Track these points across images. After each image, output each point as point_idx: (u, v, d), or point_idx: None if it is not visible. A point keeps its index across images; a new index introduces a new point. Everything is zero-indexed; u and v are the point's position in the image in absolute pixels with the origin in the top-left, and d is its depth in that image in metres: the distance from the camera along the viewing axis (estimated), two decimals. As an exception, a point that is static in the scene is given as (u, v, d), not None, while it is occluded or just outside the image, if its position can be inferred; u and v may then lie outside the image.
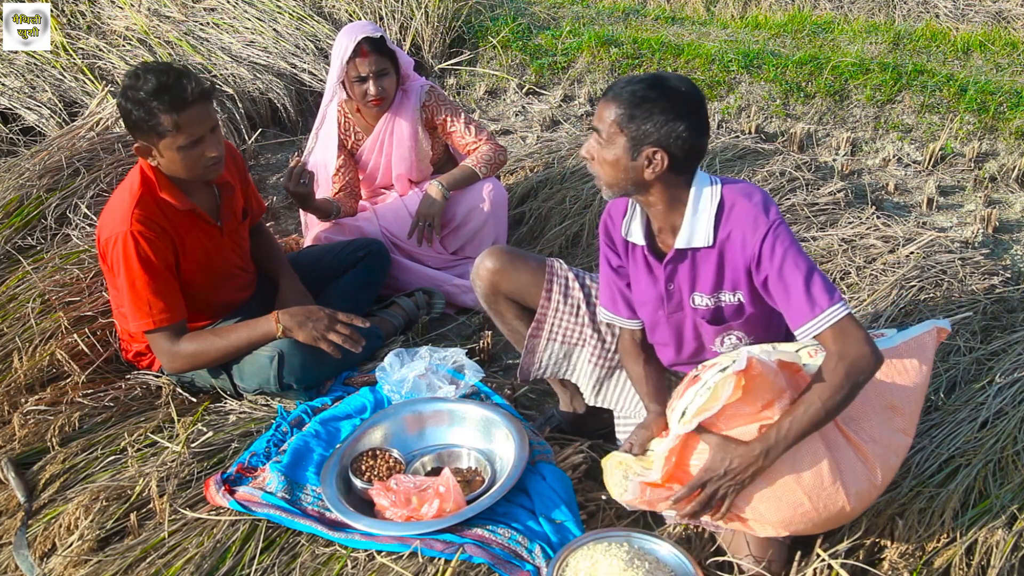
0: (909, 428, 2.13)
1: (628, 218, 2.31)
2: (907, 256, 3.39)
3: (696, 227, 2.17)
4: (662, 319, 2.34)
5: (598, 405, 2.65)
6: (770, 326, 2.32)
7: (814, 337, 2.04)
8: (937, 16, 5.87)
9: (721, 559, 2.22)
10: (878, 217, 3.70)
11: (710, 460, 2.03)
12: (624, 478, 2.13)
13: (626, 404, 2.62)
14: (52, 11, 5.10)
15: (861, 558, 2.20)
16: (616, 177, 2.14)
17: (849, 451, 2.05)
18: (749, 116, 4.68)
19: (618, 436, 2.64)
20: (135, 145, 2.60)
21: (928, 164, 4.28)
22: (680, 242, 2.19)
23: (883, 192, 4.11)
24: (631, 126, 2.07)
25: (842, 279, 3.31)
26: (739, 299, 2.23)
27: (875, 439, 2.07)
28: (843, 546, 2.17)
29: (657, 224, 2.26)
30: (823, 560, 2.13)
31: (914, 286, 3.18)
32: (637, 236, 2.28)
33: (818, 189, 3.94)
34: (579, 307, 2.59)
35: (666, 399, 2.28)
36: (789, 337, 2.32)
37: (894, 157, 4.38)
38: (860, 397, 2.03)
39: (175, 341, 2.69)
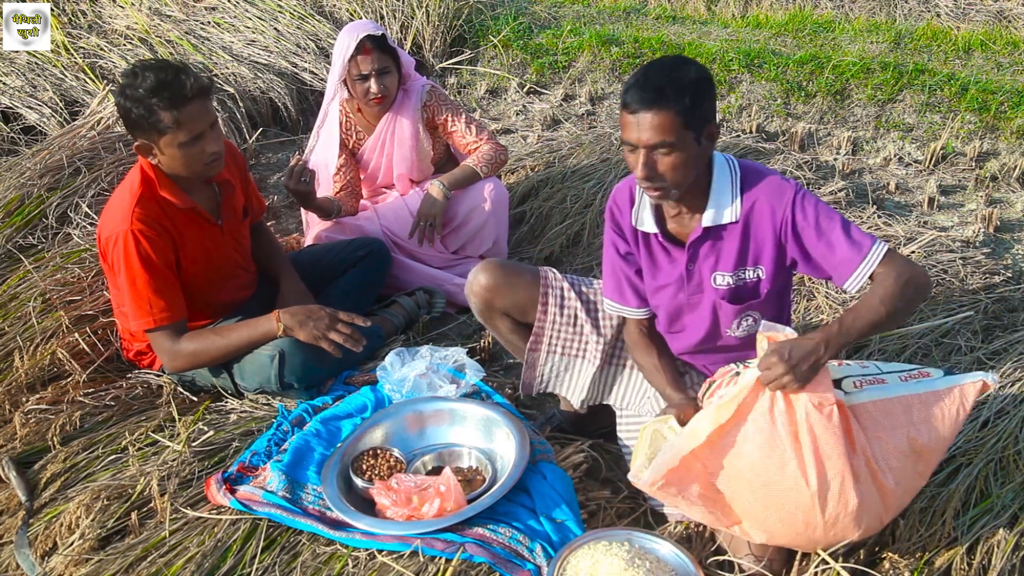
0: (926, 472, 2.09)
1: (637, 207, 2.31)
2: (908, 255, 3.39)
3: (722, 203, 2.18)
4: (681, 302, 2.34)
5: (603, 403, 2.66)
6: (782, 308, 2.36)
7: (868, 278, 2.08)
8: (938, 15, 5.87)
9: (722, 559, 2.22)
10: (879, 216, 3.70)
11: (768, 353, 1.94)
12: (649, 460, 2.07)
13: (632, 401, 2.63)
14: (53, 10, 5.10)
15: (862, 558, 2.20)
16: (689, 174, 2.13)
17: (872, 488, 2.00)
18: (750, 115, 4.68)
19: (620, 434, 2.65)
20: (135, 144, 2.60)
21: (929, 163, 4.28)
22: (707, 220, 2.19)
23: (884, 191, 4.10)
24: (693, 117, 2.05)
25: (843, 278, 3.31)
26: (759, 275, 2.24)
27: (899, 482, 2.02)
28: (843, 546, 2.17)
29: (674, 209, 2.25)
30: (823, 561, 2.13)
31: (915, 285, 3.18)
32: (649, 224, 2.28)
33: (819, 188, 3.94)
34: (576, 316, 2.59)
35: (684, 387, 2.33)
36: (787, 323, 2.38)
37: (895, 156, 4.38)
38: (892, 435, 1.99)
39: (176, 340, 2.69)
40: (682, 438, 2.00)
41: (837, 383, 2.03)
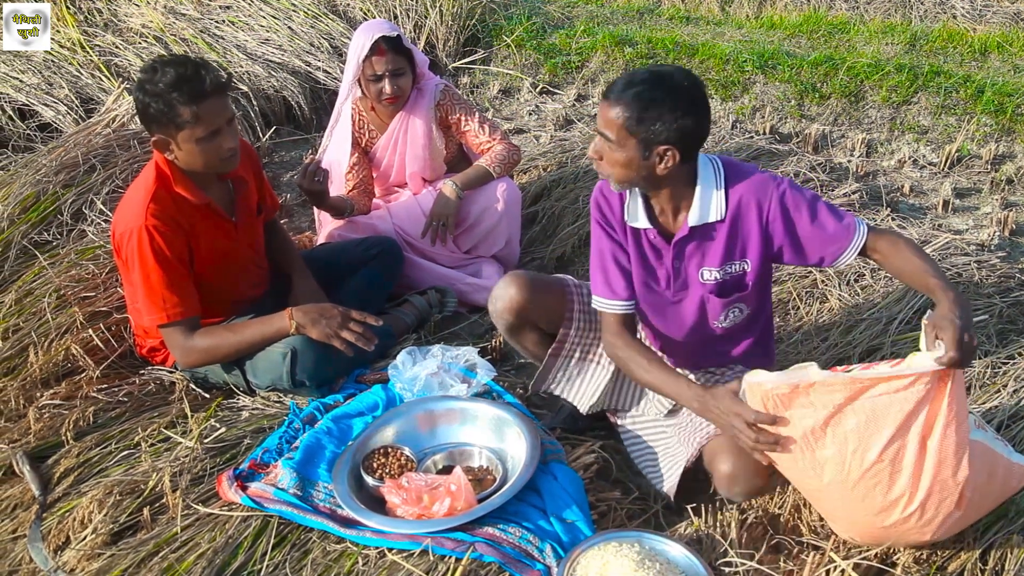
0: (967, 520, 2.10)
1: (628, 203, 2.33)
2: (922, 258, 3.37)
3: (708, 203, 2.24)
4: (667, 298, 2.39)
5: (596, 411, 2.67)
6: (764, 298, 2.47)
7: (860, 252, 2.22)
8: (954, 17, 5.84)
9: (733, 560, 2.21)
10: (893, 219, 3.68)
11: (944, 312, 1.96)
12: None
13: (630, 404, 2.66)
14: (69, 8, 5.13)
15: (875, 562, 2.19)
16: (628, 175, 2.19)
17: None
18: (763, 117, 4.66)
19: (621, 434, 2.66)
20: (152, 139, 2.61)
21: (944, 166, 4.26)
22: (692, 219, 2.25)
23: (898, 194, 4.08)
24: (640, 128, 2.11)
25: (856, 281, 3.30)
26: (744, 267, 2.31)
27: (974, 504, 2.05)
28: (856, 550, 2.16)
29: (660, 206, 2.30)
30: (837, 565, 2.12)
31: (929, 288, 3.16)
32: (643, 221, 2.31)
33: (833, 190, 3.92)
34: (595, 320, 2.59)
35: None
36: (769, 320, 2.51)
37: (910, 159, 4.36)
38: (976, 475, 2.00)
39: (189, 336, 2.70)
40: (826, 376, 1.98)
41: None
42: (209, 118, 2.54)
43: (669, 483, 2.43)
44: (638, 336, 2.56)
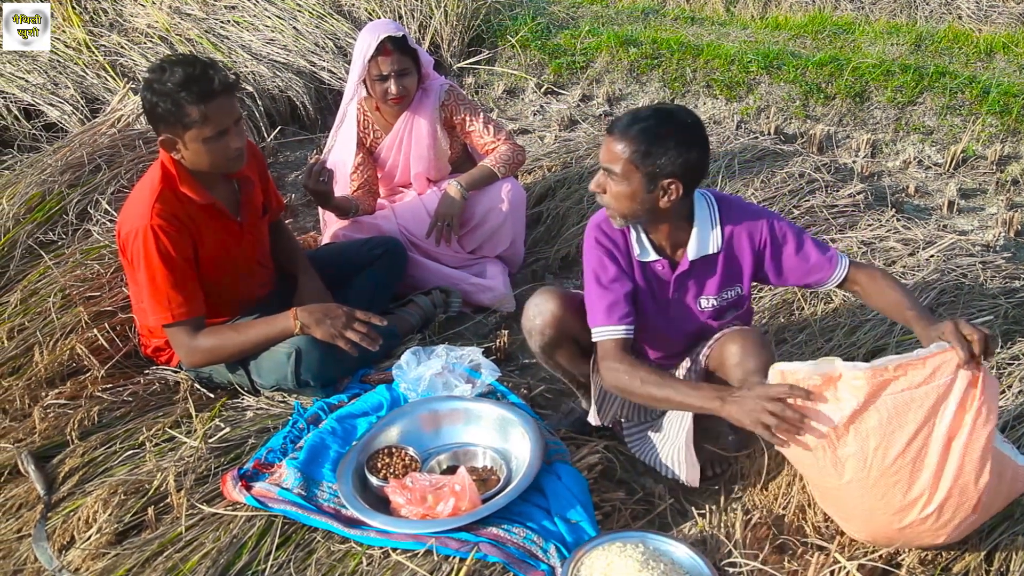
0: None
1: (632, 239, 2.38)
2: (927, 259, 3.37)
3: (705, 236, 2.36)
4: (666, 322, 2.47)
5: (610, 422, 2.66)
6: (749, 310, 2.61)
7: (841, 281, 2.37)
8: (960, 17, 5.83)
9: (737, 560, 2.21)
10: (898, 220, 3.67)
11: (936, 323, 2.06)
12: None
13: (636, 414, 2.66)
14: (74, 8, 5.14)
15: (880, 563, 2.19)
16: (632, 208, 2.26)
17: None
18: (768, 117, 4.66)
19: (627, 439, 2.66)
20: (159, 138, 2.61)
21: (949, 166, 4.25)
22: (692, 253, 2.34)
23: (903, 194, 4.08)
24: (646, 162, 2.19)
25: (861, 281, 3.29)
26: (738, 292, 2.44)
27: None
28: (861, 551, 2.16)
29: (659, 241, 2.38)
30: (842, 566, 2.12)
31: (934, 289, 3.16)
32: (652, 254, 2.38)
33: (837, 191, 3.91)
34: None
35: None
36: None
37: (915, 159, 4.35)
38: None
39: (193, 335, 2.70)
40: (850, 368, 1.99)
41: None
42: (217, 118, 2.54)
43: (690, 473, 2.46)
44: None
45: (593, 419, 2.63)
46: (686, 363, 2.56)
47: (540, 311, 2.49)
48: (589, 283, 2.39)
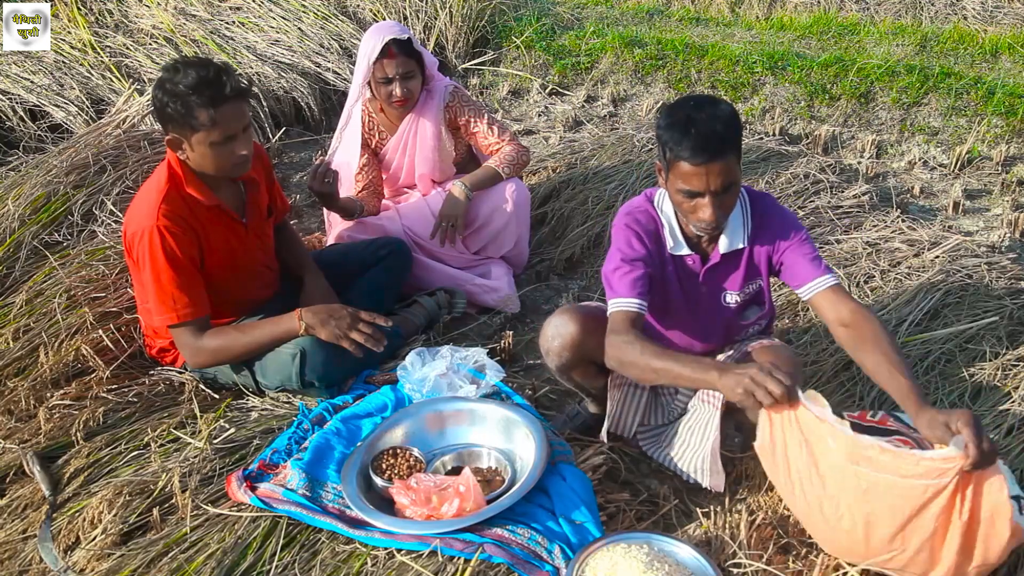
0: None
1: (666, 232, 2.41)
2: (932, 260, 3.36)
3: (737, 230, 2.37)
4: (693, 312, 2.49)
5: (632, 432, 2.66)
6: (772, 310, 2.61)
7: (816, 293, 2.29)
8: (965, 18, 5.82)
9: (742, 561, 2.21)
10: (903, 220, 3.67)
11: (978, 434, 1.91)
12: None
13: (652, 419, 2.67)
14: (79, 9, 5.15)
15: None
16: (735, 200, 2.31)
17: None
18: (773, 118, 4.65)
19: (643, 446, 2.65)
20: (166, 137, 2.62)
21: (954, 167, 4.24)
22: (723, 247, 2.38)
23: (908, 195, 4.07)
24: (740, 164, 2.26)
25: (866, 282, 3.29)
26: (759, 285, 2.46)
27: None
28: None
29: (693, 234, 2.40)
30: (846, 572, 2.11)
31: (939, 290, 3.15)
32: (684, 248, 2.40)
33: (842, 192, 3.91)
34: None
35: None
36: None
37: (920, 160, 4.34)
38: None
39: (198, 336, 2.71)
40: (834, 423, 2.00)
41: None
42: (225, 123, 2.55)
43: (715, 480, 2.42)
44: None
45: (604, 435, 2.59)
46: (678, 400, 2.61)
47: (559, 332, 2.46)
48: (612, 259, 2.38)
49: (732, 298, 2.45)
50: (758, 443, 2.16)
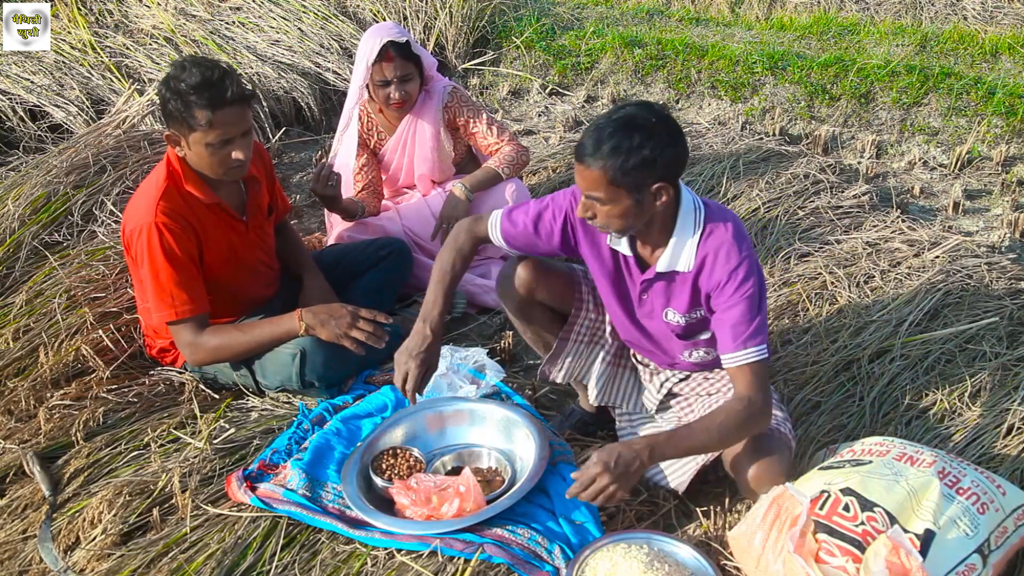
0: None
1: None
2: (932, 260, 3.36)
3: (680, 253, 2.26)
4: (634, 320, 2.45)
5: (601, 404, 2.67)
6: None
7: (729, 369, 2.21)
8: (965, 18, 5.82)
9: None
10: (903, 221, 3.67)
11: (598, 455, 2.08)
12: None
13: (628, 401, 2.66)
14: (79, 9, 5.15)
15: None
16: (627, 224, 2.20)
17: None
18: (773, 118, 4.65)
19: (619, 433, 2.66)
20: (166, 132, 2.63)
21: (954, 168, 4.24)
22: (661, 266, 2.28)
23: (908, 195, 4.07)
24: (627, 178, 2.10)
25: (866, 283, 3.29)
26: (702, 314, 2.34)
27: None
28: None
29: (641, 240, 2.33)
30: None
31: (939, 290, 3.15)
32: (625, 247, 2.34)
33: (842, 192, 3.91)
34: (601, 307, 2.59)
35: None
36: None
37: (920, 160, 4.34)
38: None
39: (198, 333, 2.71)
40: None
41: None
42: (223, 126, 2.55)
43: (678, 480, 2.41)
44: (608, 325, 2.61)
45: (540, 372, 2.65)
46: (661, 378, 2.59)
47: (510, 275, 2.54)
48: (533, 202, 2.43)
49: (676, 318, 2.35)
50: (734, 532, 2.18)
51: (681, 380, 2.56)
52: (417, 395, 2.37)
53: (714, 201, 2.34)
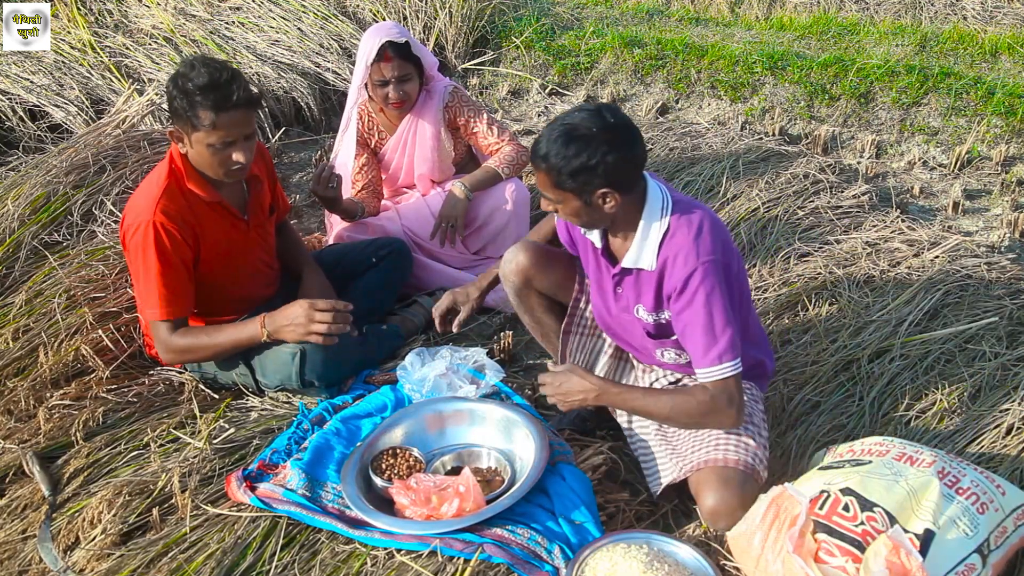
0: None
1: None
2: (932, 260, 3.36)
3: (644, 251, 2.28)
4: (612, 313, 2.48)
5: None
6: None
7: (701, 382, 2.23)
8: (965, 18, 5.82)
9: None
10: (903, 220, 3.67)
11: (557, 373, 2.35)
12: None
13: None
14: (79, 9, 5.15)
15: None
16: (585, 220, 2.28)
17: None
18: (773, 118, 4.65)
19: (627, 433, 2.65)
20: (170, 128, 2.63)
21: (954, 167, 4.24)
22: (627, 262, 2.32)
23: (908, 195, 4.07)
24: (569, 183, 2.16)
25: (866, 283, 3.29)
26: (668, 317, 2.35)
27: None
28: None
29: (611, 233, 2.38)
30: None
31: (939, 290, 3.16)
32: (595, 238, 2.39)
33: (842, 192, 3.91)
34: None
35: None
36: None
37: (919, 160, 4.34)
38: None
39: (171, 333, 2.70)
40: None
41: None
42: (226, 129, 2.55)
43: (654, 487, 2.46)
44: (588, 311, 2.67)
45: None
46: (651, 377, 2.60)
47: (511, 259, 2.64)
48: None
49: (646, 316, 2.38)
50: (734, 532, 2.18)
51: (672, 383, 2.56)
52: (418, 394, 2.38)
53: (688, 197, 2.32)
